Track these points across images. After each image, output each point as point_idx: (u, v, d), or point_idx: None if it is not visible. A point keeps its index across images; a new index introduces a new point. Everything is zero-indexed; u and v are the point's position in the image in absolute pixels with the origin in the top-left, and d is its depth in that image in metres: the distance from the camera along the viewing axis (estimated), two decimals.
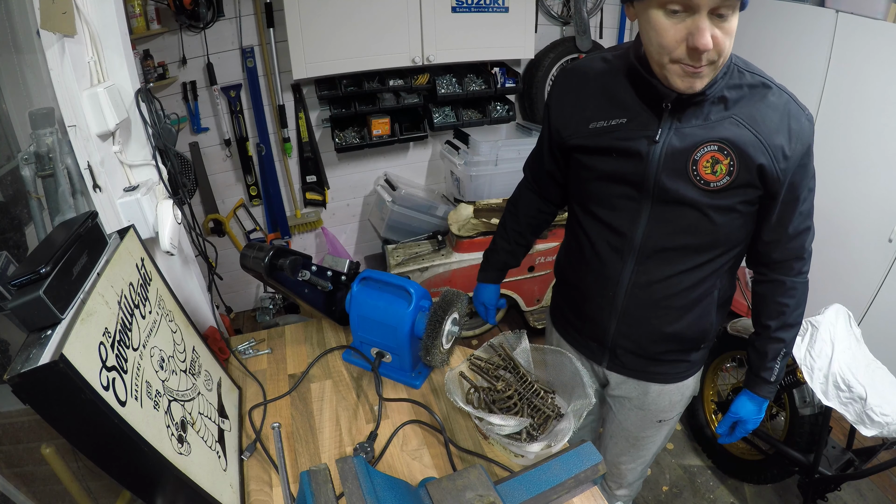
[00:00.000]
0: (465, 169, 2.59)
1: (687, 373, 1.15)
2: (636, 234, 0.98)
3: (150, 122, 1.14)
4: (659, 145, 0.90)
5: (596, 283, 1.07)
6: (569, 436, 0.94)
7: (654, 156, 0.91)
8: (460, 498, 0.75)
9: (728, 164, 0.88)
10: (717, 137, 0.88)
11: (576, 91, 1.01)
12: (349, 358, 1.26)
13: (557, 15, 2.97)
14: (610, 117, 0.95)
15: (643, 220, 0.96)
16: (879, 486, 1.96)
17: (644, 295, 1.02)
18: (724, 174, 0.88)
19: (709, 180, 0.89)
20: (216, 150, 2.67)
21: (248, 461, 1.00)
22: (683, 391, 1.17)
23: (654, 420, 1.21)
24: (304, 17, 2.28)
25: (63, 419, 0.61)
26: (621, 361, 1.13)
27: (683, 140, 0.89)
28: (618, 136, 0.94)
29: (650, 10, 0.78)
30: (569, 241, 1.15)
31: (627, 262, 1.01)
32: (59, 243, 0.69)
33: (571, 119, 1.00)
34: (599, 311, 1.09)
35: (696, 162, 0.89)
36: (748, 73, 0.89)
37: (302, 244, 3.08)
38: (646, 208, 0.95)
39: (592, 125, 0.97)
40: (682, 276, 0.99)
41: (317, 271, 1.23)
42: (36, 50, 0.97)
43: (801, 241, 0.99)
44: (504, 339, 1.17)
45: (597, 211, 1.02)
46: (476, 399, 1.07)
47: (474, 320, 2.79)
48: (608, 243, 1.02)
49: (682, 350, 1.10)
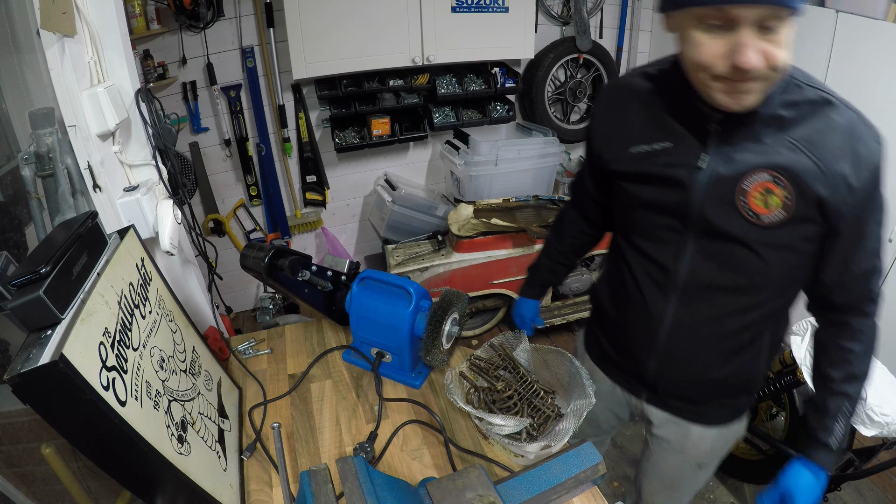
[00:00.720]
0: (465, 169, 2.58)
1: (732, 417, 1.04)
2: (680, 270, 0.89)
3: (150, 122, 1.14)
4: (703, 172, 0.81)
5: (636, 319, 0.98)
6: (569, 436, 0.94)
7: (698, 184, 0.82)
8: (460, 498, 0.75)
9: (784, 197, 0.77)
10: (769, 164, 0.77)
11: (618, 110, 0.92)
12: (349, 358, 1.26)
13: (557, 15, 2.97)
14: (652, 140, 0.86)
15: (687, 255, 0.88)
16: (879, 486, 1.96)
17: (687, 336, 0.93)
18: (778, 207, 0.77)
19: (760, 213, 0.79)
20: (216, 150, 2.67)
21: (248, 461, 1.00)
22: (727, 437, 1.06)
23: (693, 464, 1.11)
24: (304, 17, 2.28)
25: (63, 419, 0.61)
26: (661, 399, 1.05)
27: (731, 167, 0.79)
28: (660, 162, 0.85)
29: (687, 24, 0.70)
30: (610, 272, 1.07)
31: (670, 300, 0.92)
32: (59, 243, 0.69)
33: (613, 141, 0.93)
34: (638, 349, 1.01)
35: (745, 192, 0.79)
36: (808, 87, 0.77)
37: (302, 244, 3.08)
38: (690, 242, 0.87)
39: (634, 149, 0.89)
40: (730, 318, 0.89)
41: (317, 271, 1.23)
42: (36, 50, 0.97)
43: (868, 283, 0.85)
44: (504, 339, 1.17)
45: (640, 242, 0.94)
46: (476, 399, 1.07)
47: (474, 320, 2.79)
48: (651, 278, 0.94)
49: (728, 395, 1.00)
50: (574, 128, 3.21)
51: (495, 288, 2.55)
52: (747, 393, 1.02)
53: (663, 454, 1.13)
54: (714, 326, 0.91)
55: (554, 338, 2.84)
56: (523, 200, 2.58)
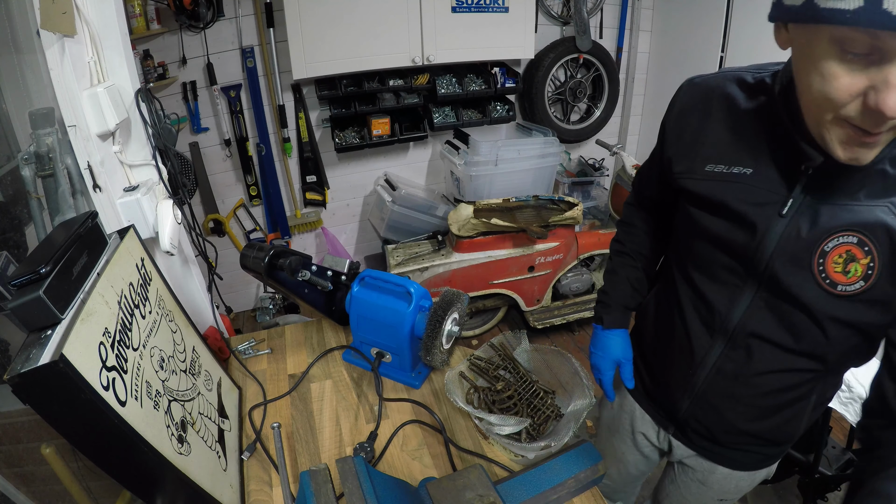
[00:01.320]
0: (465, 169, 2.59)
1: (762, 464, 0.97)
2: (732, 317, 0.79)
3: (150, 122, 1.14)
4: (782, 221, 0.70)
5: (677, 355, 0.90)
6: (569, 436, 0.94)
7: (774, 233, 0.70)
8: (460, 498, 0.75)
9: (867, 265, 0.65)
10: (859, 224, 0.64)
11: (701, 115, 0.79)
12: (349, 358, 1.26)
13: (557, 15, 2.97)
14: (732, 163, 0.74)
15: (743, 304, 0.78)
16: None
17: (727, 385, 0.85)
18: (858, 277, 0.66)
19: (837, 282, 0.67)
20: (216, 150, 2.67)
21: (248, 461, 1.00)
22: (754, 479, 0.99)
23: (715, 499, 1.04)
24: (304, 17, 2.28)
25: (63, 419, 0.61)
26: (689, 438, 0.98)
27: (816, 221, 0.67)
28: (735, 193, 0.73)
29: (816, 45, 0.54)
30: (658, 299, 0.98)
31: (716, 344, 0.83)
32: (59, 243, 0.69)
33: (688, 151, 0.80)
34: (674, 386, 0.93)
35: (825, 254, 0.67)
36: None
37: (302, 244, 3.08)
38: (749, 292, 0.77)
39: (709, 167, 0.76)
40: (776, 375, 0.80)
41: (317, 271, 1.23)
42: (36, 50, 0.97)
43: None
44: (504, 339, 1.17)
45: (694, 275, 0.84)
46: (476, 399, 1.07)
47: (474, 320, 2.80)
48: (699, 316, 0.84)
49: (759, 446, 0.93)
50: (574, 128, 3.22)
51: (495, 288, 2.55)
52: (779, 446, 0.94)
53: (686, 483, 1.07)
54: (757, 380, 0.82)
55: (554, 338, 2.84)
56: (523, 200, 2.58)
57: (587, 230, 2.79)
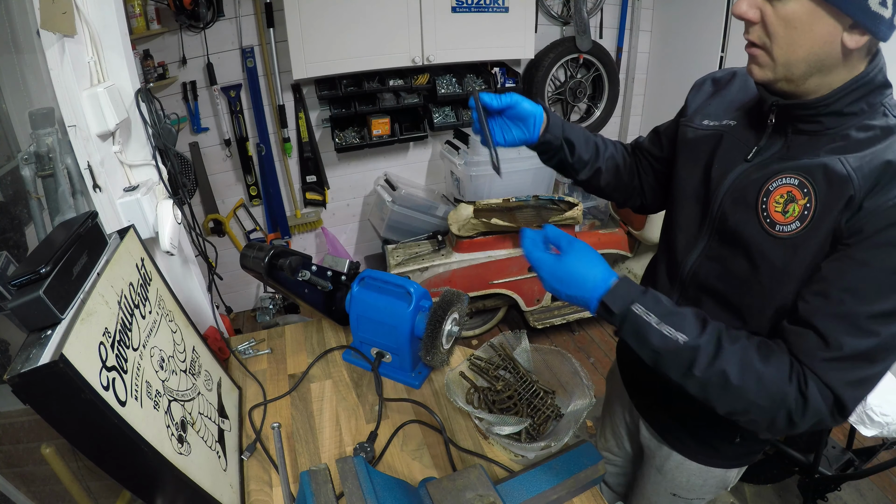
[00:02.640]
0: (465, 169, 2.59)
1: (713, 461, 0.98)
2: (686, 264, 0.85)
3: (150, 122, 1.14)
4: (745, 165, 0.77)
5: None
6: (569, 436, 0.94)
7: (732, 175, 0.78)
8: (460, 498, 0.75)
9: (804, 205, 0.68)
10: (803, 167, 0.68)
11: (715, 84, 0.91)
12: (349, 358, 1.26)
13: (557, 15, 2.97)
14: (721, 118, 0.84)
15: (696, 252, 0.84)
16: (879, 486, 1.96)
17: None
18: (794, 217, 0.68)
19: (776, 221, 0.70)
20: (216, 150, 2.67)
21: (248, 461, 1.00)
22: (706, 477, 1.00)
23: (668, 492, 1.07)
24: (304, 17, 2.28)
25: (63, 419, 0.61)
26: (653, 415, 1.03)
27: (769, 165, 0.73)
28: (717, 143, 0.81)
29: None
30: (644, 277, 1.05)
31: (674, 296, 0.88)
32: (59, 243, 0.69)
33: (696, 108, 0.90)
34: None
35: (769, 193, 0.71)
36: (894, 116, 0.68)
37: (302, 244, 3.08)
38: (703, 240, 0.82)
39: (706, 122, 0.86)
40: None
41: (317, 271, 1.23)
42: (36, 50, 0.97)
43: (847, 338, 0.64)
44: (504, 339, 1.17)
45: (670, 234, 0.91)
46: (476, 399, 1.07)
47: (474, 320, 2.80)
48: (667, 270, 0.91)
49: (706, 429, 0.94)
50: None
51: (495, 288, 2.55)
52: (730, 442, 0.92)
53: (647, 471, 1.11)
54: None
55: (554, 338, 2.84)
56: (523, 200, 2.58)
57: (587, 230, 2.79)
